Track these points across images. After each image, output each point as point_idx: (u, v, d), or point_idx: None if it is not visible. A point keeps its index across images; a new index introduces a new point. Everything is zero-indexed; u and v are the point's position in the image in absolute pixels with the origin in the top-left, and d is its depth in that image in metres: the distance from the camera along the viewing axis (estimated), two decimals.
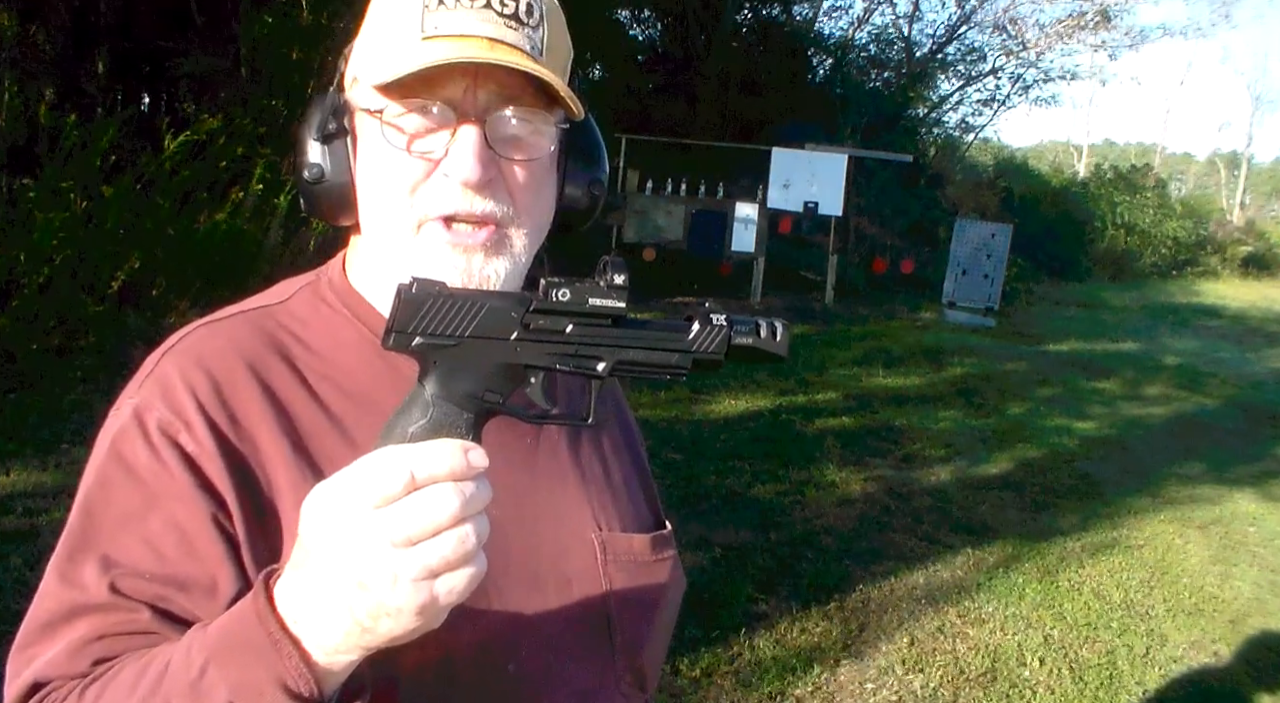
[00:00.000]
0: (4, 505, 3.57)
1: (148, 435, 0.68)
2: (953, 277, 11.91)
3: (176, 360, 0.72)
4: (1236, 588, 4.31)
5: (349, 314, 0.78)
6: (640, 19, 15.17)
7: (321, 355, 0.75)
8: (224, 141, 6.71)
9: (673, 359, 0.62)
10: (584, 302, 0.59)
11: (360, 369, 0.75)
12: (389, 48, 0.71)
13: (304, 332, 0.76)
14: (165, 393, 0.70)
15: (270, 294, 0.80)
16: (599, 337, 0.61)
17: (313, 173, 0.74)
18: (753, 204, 10.30)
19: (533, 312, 0.59)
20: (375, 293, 0.78)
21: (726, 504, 4.53)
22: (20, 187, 5.74)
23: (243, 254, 6.49)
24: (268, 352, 0.73)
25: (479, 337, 0.59)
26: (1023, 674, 3.32)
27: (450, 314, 0.58)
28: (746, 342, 0.65)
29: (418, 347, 0.58)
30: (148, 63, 8.92)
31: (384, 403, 0.72)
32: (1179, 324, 13.73)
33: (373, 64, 0.72)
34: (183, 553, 0.67)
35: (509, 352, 0.59)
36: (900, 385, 7.56)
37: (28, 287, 5.04)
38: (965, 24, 16.79)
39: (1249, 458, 6.61)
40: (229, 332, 0.74)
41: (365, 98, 0.72)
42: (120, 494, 0.68)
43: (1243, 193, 39.43)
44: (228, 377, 0.71)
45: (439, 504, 0.53)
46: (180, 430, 0.68)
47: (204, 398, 0.69)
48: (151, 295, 5.90)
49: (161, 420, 0.68)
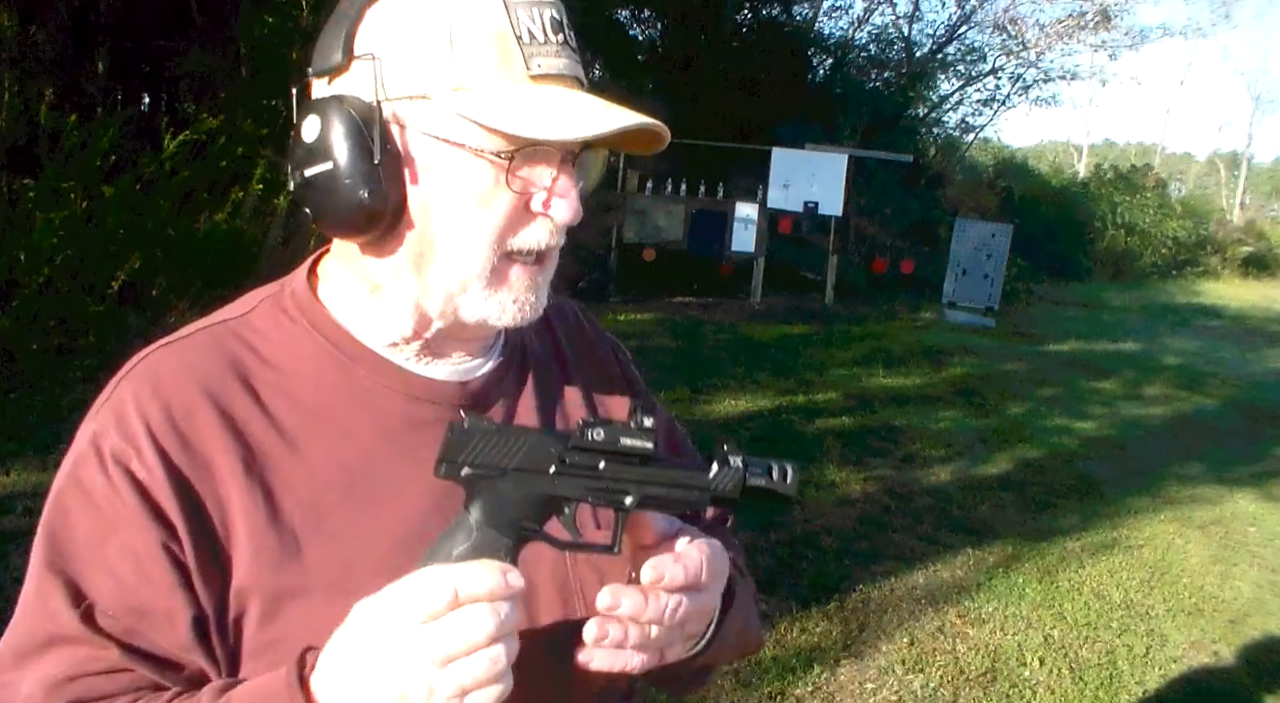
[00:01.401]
0: (4, 506, 3.58)
1: (103, 462, 0.69)
2: (953, 277, 11.91)
3: (132, 385, 0.72)
4: (1236, 588, 4.31)
5: (307, 325, 0.76)
6: (640, 19, 15.16)
7: (278, 369, 0.74)
8: (224, 141, 6.71)
9: (693, 496, 0.69)
10: (616, 441, 0.66)
11: (316, 382, 0.75)
12: (495, 86, 0.68)
13: (262, 345, 0.75)
14: (119, 420, 0.70)
15: (234, 307, 0.79)
16: (628, 474, 0.67)
17: (375, 198, 0.69)
18: (753, 204, 10.30)
19: (570, 449, 0.66)
20: (353, 308, 0.77)
21: None
22: (20, 186, 5.74)
23: (243, 254, 6.49)
24: (224, 371, 0.73)
25: (521, 469, 0.64)
26: (1023, 674, 3.32)
27: (496, 448, 0.64)
28: (760, 483, 0.70)
29: (466, 476, 0.64)
30: (148, 63, 8.92)
31: (338, 416, 0.74)
32: (1179, 324, 13.72)
33: (481, 102, 0.67)
34: (140, 580, 0.68)
35: (547, 484, 0.65)
36: (900, 385, 7.55)
37: (28, 287, 5.04)
38: (965, 24, 16.78)
39: (1249, 458, 6.61)
40: (186, 353, 0.74)
41: (455, 130, 0.69)
42: (80, 520, 0.70)
43: (1243, 193, 39.42)
44: (181, 401, 0.71)
45: (476, 624, 0.59)
46: (132, 457, 0.69)
47: (155, 424, 0.69)
48: (151, 295, 5.90)
49: (114, 448, 0.69)
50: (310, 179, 0.71)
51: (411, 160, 0.70)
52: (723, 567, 0.74)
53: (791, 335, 9.09)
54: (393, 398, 0.76)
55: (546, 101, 0.68)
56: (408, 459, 0.74)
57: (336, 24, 0.71)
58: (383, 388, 0.76)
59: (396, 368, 0.77)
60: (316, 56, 0.73)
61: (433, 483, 0.67)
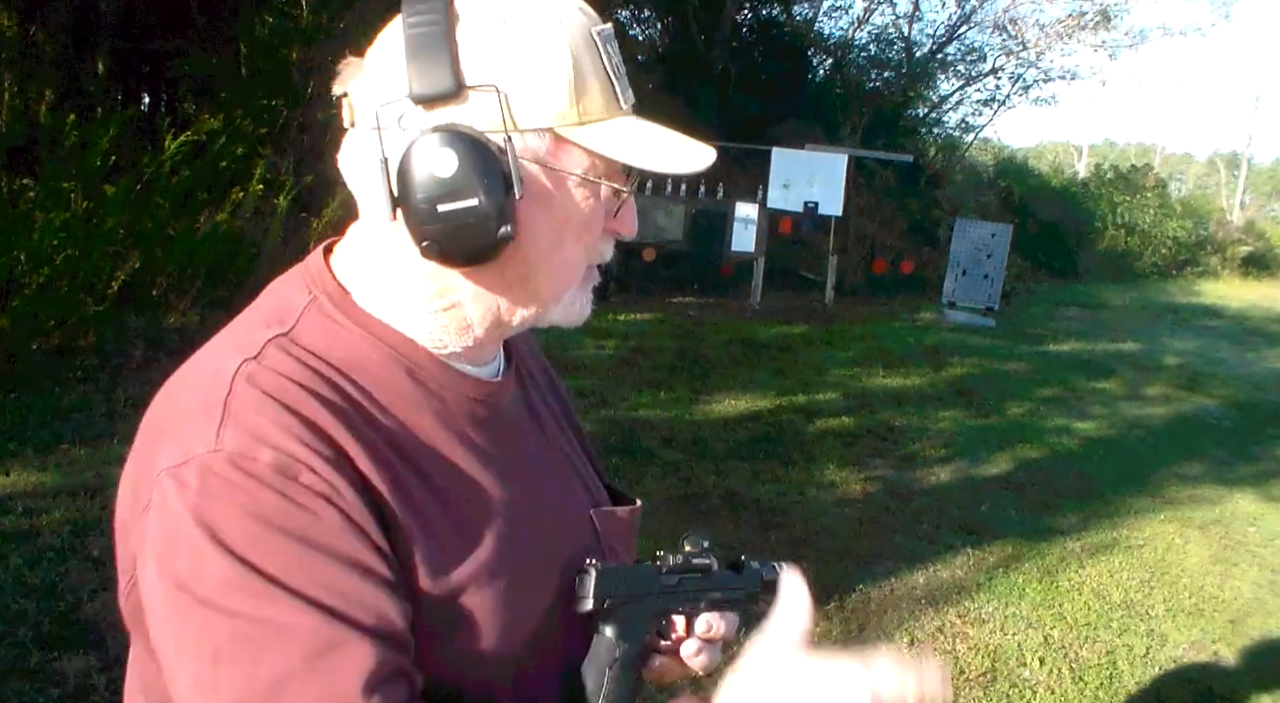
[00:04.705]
0: (4, 506, 3.57)
1: (264, 482, 0.63)
2: (953, 277, 11.90)
3: (251, 403, 0.67)
4: (1236, 588, 4.31)
5: (363, 332, 0.75)
6: (640, 19, 15.17)
7: (353, 377, 0.73)
8: (224, 141, 6.72)
9: (736, 595, 0.90)
10: (690, 562, 0.85)
11: (390, 388, 0.75)
12: (608, 119, 0.73)
13: (327, 356, 0.73)
14: (260, 438, 0.65)
15: (271, 319, 0.75)
16: (698, 584, 0.86)
17: (516, 234, 0.71)
18: (753, 204, 10.29)
19: (664, 573, 0.84)
20: (397, 310, 0.76)
21: (726, 504, 4.53)
22: (20, 186, 5.74)
23: (243, 254, 6.49)
24: (318, 382, 0.70)
25: (637, 593, 0.81)
26: (1023, 674, 3.32)
27: (621, 580, 0.80)
28: (772, 578, 0.92)
29: (609, 605, 0.79)
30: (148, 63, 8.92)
31: (414, 417, 0.75)
32: (1179, 324, 13.71)
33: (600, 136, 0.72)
34: (362, 586, 0.65)
35: (654, 601, 0.83)
36: (900, 385, 7.55)
37: (28, 287, 5.03)
38: (965, 24, 16.74)
39: (1249, 458, 6.61)
40: (276, 366, 0.70)
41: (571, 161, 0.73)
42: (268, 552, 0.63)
43: (1243, 193, 39.37)
44: (308, 411, 0.67)
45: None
46: (301, 470, 0.64)
47: (302, 435, 0.66)
48: (151, 295, 5.90)
49: (276, 463, 0.64)
50: (445, 214, 0.69)
51: (531, 191, 0.71)
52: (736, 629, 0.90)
53: (791, 335, 9.09)
54: (455, 400, 0.78)
55: (646, 133, 0.75)
56: (479, 456, 0.78)
57: (428, 48, 0.68)
58: (445, 391, 0.78)
59: (454, 371, 0.79)
60: (415, 81, 0.68)
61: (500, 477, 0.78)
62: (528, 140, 0.70)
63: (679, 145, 0.76)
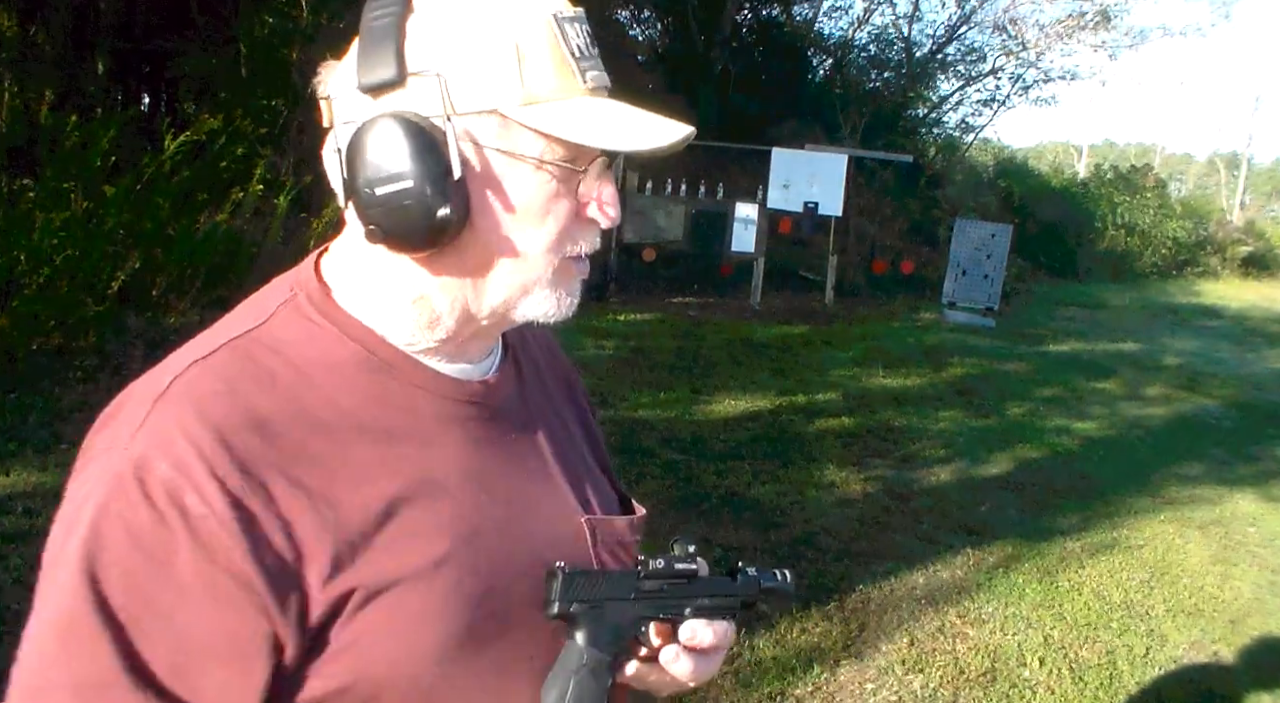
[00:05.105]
0: (4, 506, 3.58)
1: (150, 496, 0.65)
2: (953, 277, 11.90)
3: (174, 410, 0.68)
4: (1236, 588, 4.31)
5: (336, 332, 0.76)
6: (640, 19, 15.18)
7: (313, 377, 0.74)
8: (224, 141, 6.72)
9: (728, 602, 0.86)
10: (673, 567, 0.82)
11: (353, 387, 0.75)
12: (560, 99, 0.71)
13: (295, 355, 0.74)
14: (165, 448, 0.66)
15: (245, 316, 0.77)
16: (682, 590, 0.84)
17: (457, 213, 0.71)
18: (753, 204, 10.29)
19: (642, 578, 0.81)
20: (375, 309, 0.77)
21: (726, 504, 4.53)
22: (20, 186, 5.74)
23: (243, 254, 6.49)
24: (264, 385, 0.71)
25: (611, 599, 0.79)
26: (1023, 674, 3.32)
27: (591, 585, 0.78)
28: (771, 585, 0.90)
29: (574, 610, 0.77)
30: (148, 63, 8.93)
31: (379, 418, 0.75)
32: (1179, 324, 13.72)
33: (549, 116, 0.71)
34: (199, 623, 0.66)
35: (629, 607, 0.81)
36: (900, 385, 7.55)
37: (28, 287, 5.03)
38: (965, 24, 16.75)
39: (1249, 458, 6.61)
40: (222, 370, 0.71)
41: (523, 143, 0.72)
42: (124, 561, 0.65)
43: (1243, 193, 39.39)
44: (230, 423, 0.68)
45: None
46: (186, 491, 0.65)
47: (208, 452, 0.66)
48: (151, 295, 5.90)
49: (165, 479, 0.65)
50: (383, 197, 0.70)
51: (479, 175, 0.72)
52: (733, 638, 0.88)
53: (791, 335, 9.09)
54: (426, 398, 0.77)
55: (606, 113, 0.73)
56: (446, 456, 0.77)
57: (376, 39, 0.70)
58: (414, 388, 0.77)
59: (427, 369, 0.78)
60: (360, 72, 0.71)
61: (469, 479, 0.77)
62: (471, 123, 0.71)
63: (642, 123, 0.73)
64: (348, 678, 0.69)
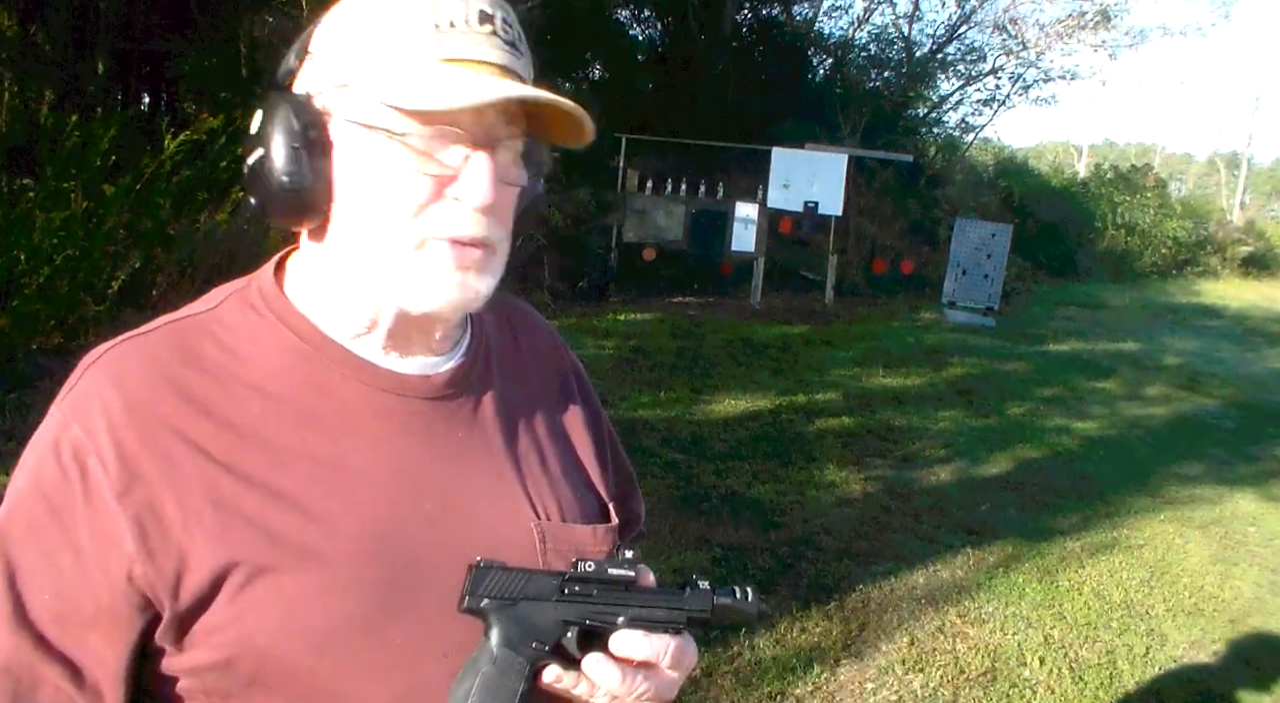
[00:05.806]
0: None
1: (59, 454, 0.70)
2: (953, 277, 11.90)
3: (96, 378, 0.73)
4: (1236, 588, 4.31)
5: (273, 318, 0.78)
6: (640, 19, 15.16)
7: (243, 361, 0.76)
8: (224, 141, 6.71)
9: (671, 615, 0.80)
10: (604, 572, 0.78)
11: (280, 373, 0.76)
12: (402, 67, 0.71)
13: (228, 338, 0.77)
14: (80, 413, 0.71)
15: (202, 302, 0.80)
16: (616, 598, 0.78)
17: (294, 180, 0.72)
18: (753, 204, 10.29)
19: (567, 580, 0.77)
20: (317, 302, 0.79)
21: (726, 504, 4.53)
22: (20, 186, 5.74)
23: (243, 254, 6.48)
24: (188, 363, 0.74)
25: (529, 598, 0.76)
26: (1023, 674, 3.32)
27: (509, 582, 0.75)
28: (725, 602, 0.82)
29: (485, 606, 0.75)
30: (148, 63, 8.92)
31: (304, 405, 0.76)
32: (1179, 324, 13.71)
33: (386, 83, 0.70)
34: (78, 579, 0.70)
35: (551, 610, 0.77)
36: (900, 385, 7.55)
37: (28, 287, 5.03)
38: (965, 24, 16.74)
39: (1249, 458, 6.61)
40: (149, 347, 0.75)
41: (368, 113, 0.72)
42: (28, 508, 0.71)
43: (1243, 193, 39.38)
44: (144, 394, 0.72)
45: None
46: (89, 453, 0.70)
47: (116, 418, 0.70)
48: (151, 295, 5.90)
49: (74, 440, 0.70)
50: (250, 167, 0.75)
51: (342, 149, 0.74)
52: (691, 661, 0.81)
53: (791, 335, 9.09)
54: (358, 388, 0.78)
55: (445, 79, 0.70)
56: (374, 447, 0.77)
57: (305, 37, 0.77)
58: (347, 379, 0.77)
59: (360, 359, 0.78)
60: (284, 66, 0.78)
61: (398, 471, 0.76)
62: (331, 97, 0.74)
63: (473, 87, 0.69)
64: (230, 651, 0.71)
